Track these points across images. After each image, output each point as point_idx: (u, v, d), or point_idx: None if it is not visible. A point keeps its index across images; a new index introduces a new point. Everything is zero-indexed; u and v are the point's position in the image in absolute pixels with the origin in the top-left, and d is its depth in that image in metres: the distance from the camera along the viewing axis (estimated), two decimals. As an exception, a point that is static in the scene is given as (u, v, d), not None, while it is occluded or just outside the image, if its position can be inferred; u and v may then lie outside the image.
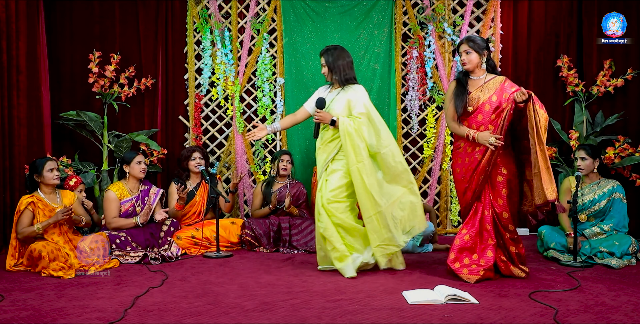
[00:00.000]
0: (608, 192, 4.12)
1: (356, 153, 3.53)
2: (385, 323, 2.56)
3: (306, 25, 5.32)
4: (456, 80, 3.59)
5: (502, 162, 3.43)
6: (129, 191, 4.23)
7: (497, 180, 3.43)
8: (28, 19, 4.68)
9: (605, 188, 4.14)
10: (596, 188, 4.14)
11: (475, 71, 3.52)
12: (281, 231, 4.45)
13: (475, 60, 3.48)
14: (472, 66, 3.49)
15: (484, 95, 3.45)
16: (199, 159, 4.59)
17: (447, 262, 3.46)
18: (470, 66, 3.49)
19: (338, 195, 3.58)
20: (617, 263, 3.76)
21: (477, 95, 3.46)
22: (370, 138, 3.57)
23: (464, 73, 3.57)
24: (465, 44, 3.48)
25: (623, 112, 5.01)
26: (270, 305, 2.83)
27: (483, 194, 3.45)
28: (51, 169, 3.85)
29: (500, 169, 3.43)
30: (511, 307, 2.79)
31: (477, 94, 3.47)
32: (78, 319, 2.61)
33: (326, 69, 3.74)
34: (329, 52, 3.72)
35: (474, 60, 3.48)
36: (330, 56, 3.70)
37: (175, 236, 4.25)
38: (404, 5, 5.30)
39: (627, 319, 2.63)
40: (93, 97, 5.02)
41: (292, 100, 5.32)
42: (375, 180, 3.55)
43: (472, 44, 3.46)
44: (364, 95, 3.67)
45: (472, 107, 3.46)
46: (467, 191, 3.49)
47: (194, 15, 5.27)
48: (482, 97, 3.45)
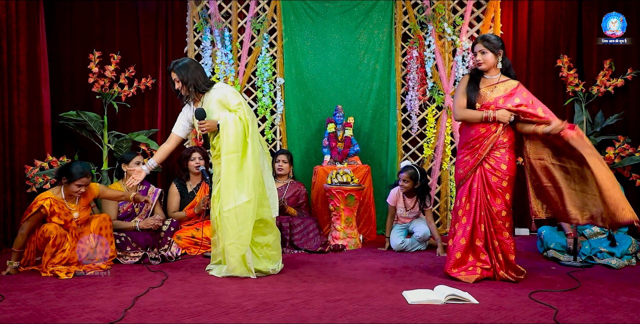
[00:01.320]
0: None
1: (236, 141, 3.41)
2: (385, 323, 2.56)
3: (306, 25, 5.32)
4: (469, 75, 3.50)
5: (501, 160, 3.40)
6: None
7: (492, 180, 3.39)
8: (28, 19, 4.68)
9: None
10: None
11: (490, 71, 3.44)
12: (282, 231, 4.44)
13: (491, 60, 3.39)
14: (488, 66, 3.41)
15: (493, 95, 3.39)
16: (199, 159, 4.58)
17: (445, 270, 3.45)
18: (485, 66, 3.40)
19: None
20: (617, 263, 3.77)
21: (485, 93, 3.41)
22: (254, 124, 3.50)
23: (477, 71, 3.48)
24: (480, 44, 3.39)
25: (623, 112, 5.01)
26: (270, 305, 2.83)
27: (478, 194, 3.40)
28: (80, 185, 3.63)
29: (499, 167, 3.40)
30: (511, 307, 2.79)
31: (486, 92, 3.41)
32: (78, 319, 2.61)
33: (179, 84, 3.54)
34: (180, 68, 3.52)
35: (490, 60, 3.39)
36: (182, 70, 3.51)
37: (175, 236, 4.25)
38: (404, 5, 5.31)
39: (627, 319, 2.62)
40: (93, 97, 5.02)
41: (292, 100, 5.33)
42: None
43: (487, 43, 3.38)
44: (227, 87, 3.58)
45: (480, 103, 3.41)
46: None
47: (194, 15, 5.28)
48: (490, 96, 3.39)
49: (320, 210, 5.00)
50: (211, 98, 3.55)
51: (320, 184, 4.95)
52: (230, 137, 3.39)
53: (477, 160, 3.38)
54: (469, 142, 3.44)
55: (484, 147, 3.37)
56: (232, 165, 3.39)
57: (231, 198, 3.38)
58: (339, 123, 5.12)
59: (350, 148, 5.11)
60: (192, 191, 4.62)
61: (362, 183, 4.85)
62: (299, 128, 5.38)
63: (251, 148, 3.42)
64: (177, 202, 4.58)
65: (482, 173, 3.39)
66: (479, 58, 3.40)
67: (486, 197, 3.37)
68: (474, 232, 3.39)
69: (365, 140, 5.38)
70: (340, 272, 3.65)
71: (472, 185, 3.41)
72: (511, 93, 3.38)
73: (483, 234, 3.37)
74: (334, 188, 4.59)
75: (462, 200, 3.44)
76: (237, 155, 3.40)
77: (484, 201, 3.38)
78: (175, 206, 4.57)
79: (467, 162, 3.44)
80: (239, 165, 3.41)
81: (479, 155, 3.38)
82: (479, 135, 3.39)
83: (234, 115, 3.43)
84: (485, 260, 3.36)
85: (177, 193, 4.59)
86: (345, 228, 4.60)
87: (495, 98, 3.38)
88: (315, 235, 4.51)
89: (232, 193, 3.38)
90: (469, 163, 3.42)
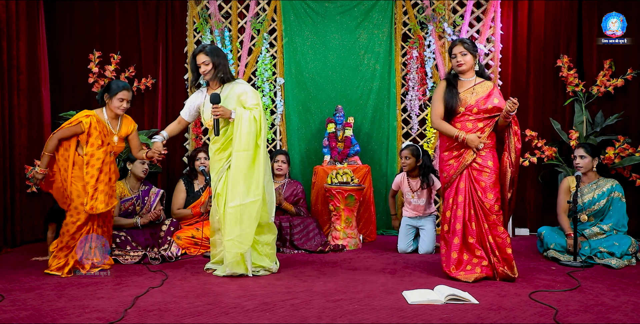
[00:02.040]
0: (607, 191, 4.11)
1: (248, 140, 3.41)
2: (385, 323, 2.56)
3: (306, 25, 5.32)
4: (446, 80, 3.58)
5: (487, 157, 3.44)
6: (130, 191, 4.25)
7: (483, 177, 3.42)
8: (28, 19, 4.68)
9: (605, 187, 4.13)
10: (595, 188, 4.14)
11: (466, 73, 3.53)
12: (281, 231, 4.45)
13: (471, 61, 3.49)
14: (468, 67, 3.50)
15: (473, 97, 3.46)
16: (204, 159, 4.61)
17: (444, 270, 3.45)
18: (466, 67, 3.49)
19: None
20: (617, 263, 3.76)
21: (465, 97, 3.47)
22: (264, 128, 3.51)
23: (453, 74, 3.57)
24: (460, 45, 3.48)
25: (623, 112, 5.01)
26: (270, 305, 2.83)
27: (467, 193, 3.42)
28: (122, 99, 3.61)
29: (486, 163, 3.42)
30: (511, 307, 2.79)
31: (466, 96, 3.47)
32: (78, 319, 2.61)
33: (208, 67, 3.51)
34: (213, 51, 3.52)
35: (470, 61, 3.49)
36: (215, 54, 3.51)
37: (175, 236, 4.25)
38: (404, 5, 5.31)
39: (627, 319, 2.62)
40: (93, 97, 5.01)
41: (292, 100, 5.32)
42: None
43: (467, 45, 3.48)
44: (250, 86, 3.61)
45: (463, 107, 3.47)
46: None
47: (194, 15, 5.28)
48: (470, 99, 3.46)
49: (320, 210, 5.00)
50: (232, 90, 3.54)
51: (320, 184, 4.95)
52: (244, 135, 3.39)
53: (462, 164, 3.44)
54: (452, 146, 3.50)
55: (469, 152, 3.43)
56: (243, 162, 3.39)
57: (238, 194, 3.38)
58: (339, 123, 5.13)
59: (350, 148, 5.11)
60: (198, 191, 4.63)
61: (362, 183, 4.85)
62: (299, 128, 5.38)
63: (262, 150, 3.44)
64: (183, 199, 4.59)
65: (469, 172, 3.44)
66: (460, 60, 3.48)
67: (477, 194, 3.40)
68: (465, 230, 3.42)
69: (365, 140, 5.38)
70: (340, 272, 3.65)
71: (459, 185, 3.45)
72: (490, 94, 3.46)
73: (475, 232, 3.40)
74: (334, 188, 4.59)
75: (449, 201, 3.48)
76: (248, 154, 3.41)
77: (475, 198, 3.41)
78: (180, 202, 4.58)
79: (451, 165, 3.50)
80: (250, 163, 3.41)
81: (463, 159, 3.45)
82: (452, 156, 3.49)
83: (249, 113, 3.43)
84: (481, 255, 3.37)
85: (183, 190, 4.61)
86: (345, 228, 4.59)
87: (476, 100, 3.45)
88: (315, 234, 4.51)
89: (240, 190, 3.39)
90: (454, 167, 3.48)
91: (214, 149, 3.59)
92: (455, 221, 3.43)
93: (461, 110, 3.46)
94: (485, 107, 3.42)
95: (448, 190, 3.50)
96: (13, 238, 4.51)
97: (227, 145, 3.51)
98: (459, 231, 3.41)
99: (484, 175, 3.40)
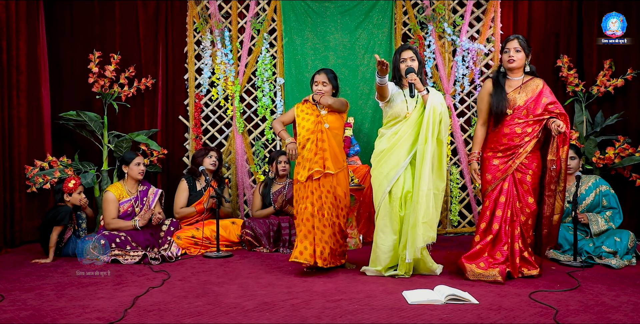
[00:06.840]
0: (593, 186, 4.18)
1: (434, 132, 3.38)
2: (385, 323, 2.56)
3: (306, 25, 5.32)
4: (492, 79, 3.47)
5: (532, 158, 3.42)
6: (128, 192, 4.24)
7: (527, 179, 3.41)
8: (28, 19, 4.68)
9: (589, 182, 4.20)
10: (580, 185, 4.19)
11: (516, 71, 3.42)
12: (281, 231, 4.45)
13: (522, 59, 3.39)
14: (519, 65, 3.39)
15: (521, 98, 3.38)
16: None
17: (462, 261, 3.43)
18: (517, 64, 3.38)
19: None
20: (617, 263, 3.76)
21: (514, 97, 3.38)
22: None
23: (502, 73, 3.45)
24: (515, 41, 3.37)
25: (623, 112, 5.01)
26: (270, 305, 2.83)
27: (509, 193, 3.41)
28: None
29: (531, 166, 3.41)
30: (511, 307, 2.79)
31: (514, 96, 3.38)
32: (78, 319, 2.61)
33: (415, 63, 3.45)
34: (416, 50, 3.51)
35: (522, 59, 3.38)
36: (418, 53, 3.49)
37: (175, 236, 4.25)
38: (404, 5, 5.30)
39: (627, 319, 2.62)
40: (93, 97, 5.02)
41: (292, 100, 5.32)
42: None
43: (523, 43, 3.36)
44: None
45: (510, 109, 3.37)
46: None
47: (194, 15, 5.27)
48: (518, 99, 3.38)
49: (320, 210, 4.99)
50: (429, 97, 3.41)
51: (320, 184, 4.94)
52: (444, 125, 3.36)
53: (510, 167, 3.40)
54: (499, 148, 3.44)
55: (518, 155, 3.38)
56: (438, 150, 3.37)
57: (431, 182, 3.35)
58: (339, 123, 5.12)
59: (350, 148, 5.10)
60: (200, 190, 4.63)
61: (362, 183, 4.85)
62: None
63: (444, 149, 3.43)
64: (185, 198, 4.59)
65: (514, 173, 3.42)
66: (513, 55, 3.37)
67: (517, 196, 3.40)
68: (500, 231, 3.40)
69: (365, 140, 5.37)
70: (340, 272, 3.65)
71: (503, 186, 3.42)
72: (540, 93, 3.38)
73: (509, 232, 3.40)
74: (334, 188, 4.58)
75: (492, 200, 3.44)
76: (444, 144, 3.40)
77: (515, 200, 3.40)
78: (182, 201, 4.59)
79: (496, 167, 3.43)
80: (440, 155, 3.39)
81: (512, 163, 3.40)
82: (513, 145, 3.41)
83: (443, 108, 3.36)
84: (500, 259, 3.37)
85: (186, 188, 4.61)
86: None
87: (525, 101, 3.37)
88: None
89: (432, 178, 3.35)
90: (500, 169, 3.43)
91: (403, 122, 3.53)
92: (494, 221, 3.42)
93: (509, 112, 3.36)
94: (535, 111, 3.34)
95: (490, 192, 3.45)
96: (13, 238, 4.51)
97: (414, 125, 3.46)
98: (494, 230, 3.41)
99: (528, 177, 3.39)
